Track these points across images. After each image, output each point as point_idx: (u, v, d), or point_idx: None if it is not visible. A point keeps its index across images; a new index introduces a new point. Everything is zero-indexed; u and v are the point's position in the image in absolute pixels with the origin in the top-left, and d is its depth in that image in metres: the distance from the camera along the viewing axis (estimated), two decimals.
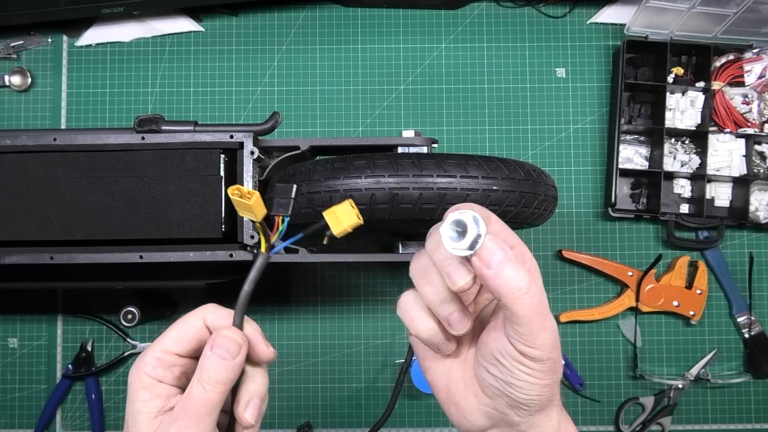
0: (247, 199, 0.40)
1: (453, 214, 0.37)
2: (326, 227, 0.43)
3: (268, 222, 0.43)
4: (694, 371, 0.93)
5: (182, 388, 0.41)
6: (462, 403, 0.43)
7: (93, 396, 0.93)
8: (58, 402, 0.93)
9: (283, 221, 0.44)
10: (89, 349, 0.93)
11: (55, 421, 0.94)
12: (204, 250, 0.69)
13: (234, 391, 0.42)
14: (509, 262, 0.37)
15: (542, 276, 0.96)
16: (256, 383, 0.42)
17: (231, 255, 0.69)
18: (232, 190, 0.40)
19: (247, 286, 0.42)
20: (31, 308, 0.95)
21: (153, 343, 0.41)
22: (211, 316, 0.42)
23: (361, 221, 0.43)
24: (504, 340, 0.39)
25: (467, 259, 0.37)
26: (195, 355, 0.41)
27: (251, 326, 0.43)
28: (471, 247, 0.36)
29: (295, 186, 0.45)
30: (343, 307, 0.94)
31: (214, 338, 0.40)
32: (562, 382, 0.94)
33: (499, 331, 0.40)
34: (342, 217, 0.43)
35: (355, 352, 0.94)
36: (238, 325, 0.41)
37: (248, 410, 0.41)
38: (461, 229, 0.37)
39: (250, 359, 0.43)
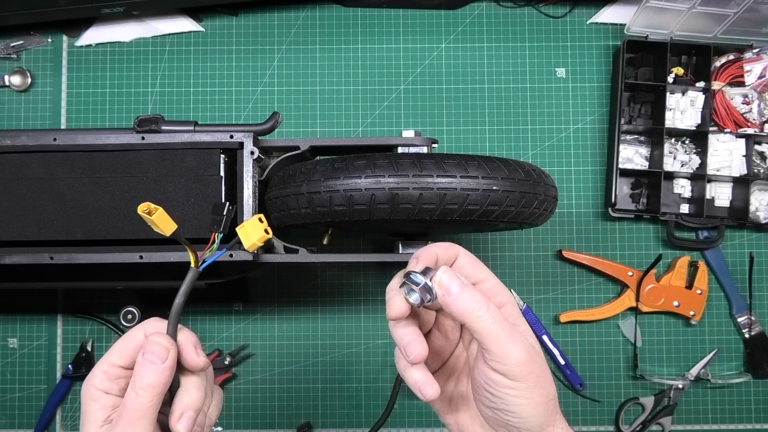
0: (149, 214, 0.41)
1: (404, 278, 0.44)
2: (240, 242, 0.45)
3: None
4: (694, 371, 0.93)
5: None
6: None
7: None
8: (58, 402, 0.93)
9: (216, 237, 0.45)
10: (89, 349, 0.93)
11: (55, 421, 0.94)
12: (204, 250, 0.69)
13: (170, 404, 0.44)
14: (465, 288, 0.42)
15: (542, 276, 0.97)
16: (190, 395, 0.44)
17: (231, 255, 0.69)
18: (142, 208, 0.41)
19: (179, 299, 0.44)
20: (31, 308, 0.95)
21: (101, 358, 0.44)
22: (151, 328, 0.45)
23: (270, 235, 0.44)
24: (486, 369, 0.42)
25: (429, 299, 0.43)
26: None
27: (184, 334, 0.45)
28: (428, 292, 0.43)
29: (228, 204, 0.47)
30: (343, 307, 0.94)
31: (145, 345, 0.43)
32: (563, 383, 0.93)
33: (481, 363, 0.43)
34: (251, 231, 0.44)
35: (355, 352, 0.94)
36: (172, 334, 0.44)
37: (181, 422, 0.43)
38: (415, 284, 0.43)
39: (184, 369, 0.45)
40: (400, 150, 0.71)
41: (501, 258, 0.95)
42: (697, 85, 0.93)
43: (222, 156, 0.70)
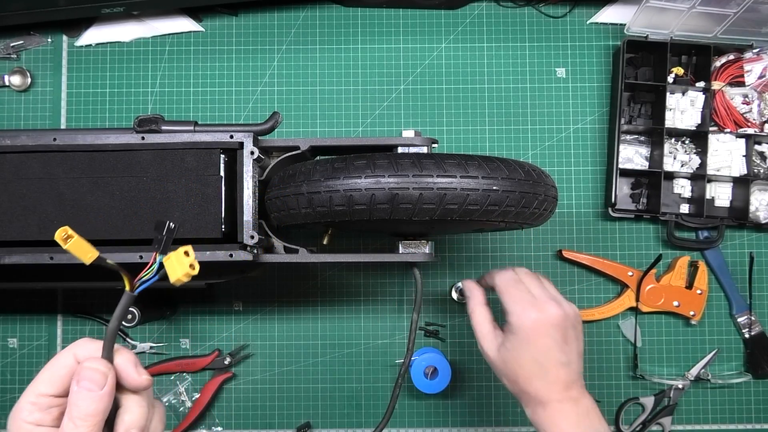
0: (64, 241, 0.38)
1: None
2: (166, 275, 0.42)
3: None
4: (694, 371, 0.93)
5: None
6: None
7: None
8: None
9: (156, 258, 0.42)
10: None
11: None
12: (204, 250, 0.69)
13: (111, 424, 0.41)
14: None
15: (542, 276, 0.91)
16: (133, 414, 0.41)
17: (231, 255, 0.69)
18: (59, 234, 0.38)
19: (113, 323, 0.42)
20: (31, 308, 0.95)
21: (27, 387, 0.40)
22: (82, 351, 0.41)
23: (195, 271, 0.40)
24: None
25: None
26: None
27: (122, 355, 0.42)
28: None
29: (169, 222, 0.43)
30: (343, 307, 0.94)
31: (78, 371, 0.39)
32: None
33: None
34: (177, 265, 0.41)
35: (355, 352, 0.94)
36: (107, 357, 0.41)
37: None
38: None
39: (125, 389, 0.42)
40: (400, 150, 0.71)
41: (501, 258, 0.95)
42: (697, 85, 0.93)
43: (222, 156, 0.70)
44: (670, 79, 0.92)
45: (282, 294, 0.95)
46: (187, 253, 0.41)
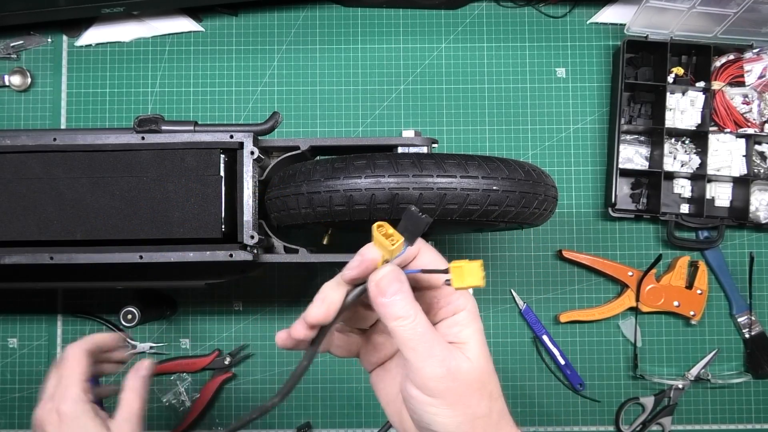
0: (392, 242, 0.41)
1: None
2: (447, 278, 0.43)
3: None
4: (694, 371, 0.93)
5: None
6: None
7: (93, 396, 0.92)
8: None
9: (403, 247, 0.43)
10: None
11: None
12: (204, 250, 0.69)
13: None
14: (401, 293, 0.41)
15: (542, 276, 0.97)
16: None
17: (231, 255, 0.69)
18: (377, 226, 0.41)
19: (350, 297, 0.44)
20: (31, 308, 0.95)
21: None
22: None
23: (483, 284, 0.42)
24: (407, 385, 0.41)
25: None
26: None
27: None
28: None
29: (428, 221, 0.43)
30: None
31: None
32: (563, 383, 0.93)
33: (404, 378, 0.42)
34: (467, 275, 0.42)
35: None
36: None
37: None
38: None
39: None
40: (400, 150, 0.71)
41: (501, 258, 0.95)
42: (697, 85, 0.93)
43: (222, 156, 0.70)
44: (670, 79, 0.92)
45: (282, 294, 0.95)
46: (480, 268, 0.42)
